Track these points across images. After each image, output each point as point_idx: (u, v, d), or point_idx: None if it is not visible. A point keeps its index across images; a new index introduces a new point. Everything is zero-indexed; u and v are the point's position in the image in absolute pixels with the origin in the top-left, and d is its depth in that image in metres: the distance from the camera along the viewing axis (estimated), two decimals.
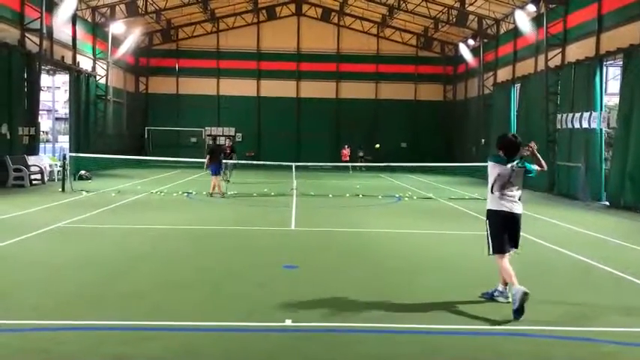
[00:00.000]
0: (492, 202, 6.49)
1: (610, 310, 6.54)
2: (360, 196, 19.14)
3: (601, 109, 19.09)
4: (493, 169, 6.48)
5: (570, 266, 8.95)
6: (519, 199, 6.53)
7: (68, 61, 26.18)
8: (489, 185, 6.52)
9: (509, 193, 6.42)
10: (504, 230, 6.42)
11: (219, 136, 37.36)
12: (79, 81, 27.02)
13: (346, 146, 34.33)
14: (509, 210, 6.40)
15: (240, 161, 26.19)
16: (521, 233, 6.61)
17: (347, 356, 5.08)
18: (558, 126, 21.70)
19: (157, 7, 31.57)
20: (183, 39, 37.90)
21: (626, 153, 17.17)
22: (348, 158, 33.62)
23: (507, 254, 6.46)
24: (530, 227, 11.71)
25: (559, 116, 21.68)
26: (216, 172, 18.34)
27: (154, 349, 5.06)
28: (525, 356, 5.13)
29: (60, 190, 18.03)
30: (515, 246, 6.55)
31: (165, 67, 38.00)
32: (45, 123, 43.62)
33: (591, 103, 19.25)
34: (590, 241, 11.10)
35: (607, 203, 17.98)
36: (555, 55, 22.35)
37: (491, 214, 6.52)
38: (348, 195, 19.15)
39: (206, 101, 37.76)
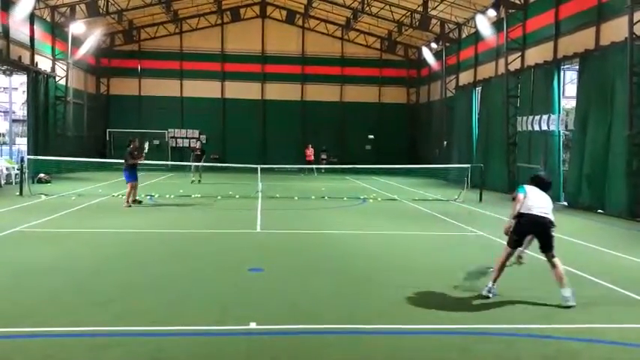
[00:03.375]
0: None
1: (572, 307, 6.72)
2: (326, 198, 19.20)
3: (559, 112, 19.66)
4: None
5: (530, 264, 9.13)
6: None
7: (26, 61, 25.47)
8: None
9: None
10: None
11: (184, 138, 36.95)
12: (38, 82, 26.31)
13: (310, 146, 34.00)
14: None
15: (205, 164, 25.92)
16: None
17: (312, 357, 5.11)
18: (518, 128, 22.25)
19: (119, 7, 31.00)
20: (146, 40, 37.28)
21: (583, 155, 17.75)
22: (312, 158, 33.29)
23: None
24: (494, 228, 11.99)
25: (519, 119, 22.22)
26: (128, 179, 16.17)
27: (120, 355, 5.00)
28: (491, 355, 5.23)
29: (18, 193, 17.54)
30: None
31: (127, 68, 37.31)
32: (1, 125, 42.43)
33: (550, 105, 19.80)
34: None
35: (565, 203, 18.52)
36: (515, 59, 22.91)
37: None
38: (313, 197, 19.19)
39: (169, 103, 37.21)
